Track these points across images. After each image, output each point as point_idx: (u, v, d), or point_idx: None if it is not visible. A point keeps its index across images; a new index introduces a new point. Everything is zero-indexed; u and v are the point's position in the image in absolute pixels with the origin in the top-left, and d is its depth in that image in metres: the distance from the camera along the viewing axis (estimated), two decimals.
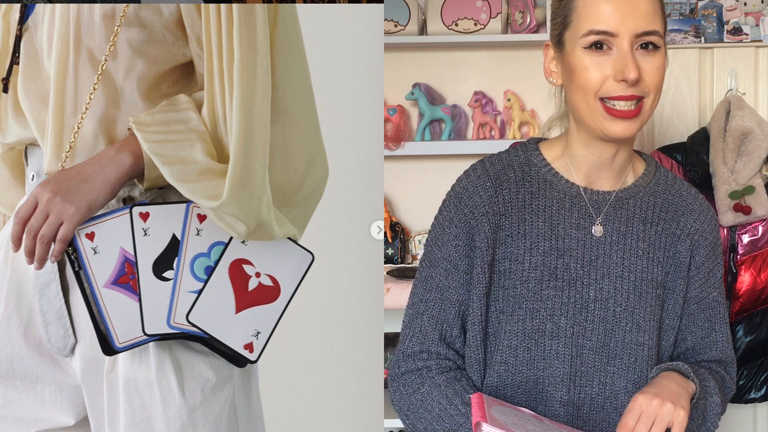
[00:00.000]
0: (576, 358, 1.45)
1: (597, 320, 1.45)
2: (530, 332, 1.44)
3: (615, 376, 1.46)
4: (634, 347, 1.46)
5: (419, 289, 1.51)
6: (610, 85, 1.37)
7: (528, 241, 1.46)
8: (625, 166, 1.50)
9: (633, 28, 1.36)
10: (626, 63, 1.36)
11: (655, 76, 1.39)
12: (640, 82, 1.37)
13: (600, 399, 1.46)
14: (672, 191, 1.53)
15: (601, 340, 1.45)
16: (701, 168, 2.59)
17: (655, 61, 1.38)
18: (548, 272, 1.45)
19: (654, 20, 1.38)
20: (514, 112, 2.94)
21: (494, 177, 1.48)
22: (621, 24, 1.36)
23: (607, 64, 1.37)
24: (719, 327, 1.55)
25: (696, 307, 1.53)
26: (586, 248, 1.46)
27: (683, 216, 1.51)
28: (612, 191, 1.49)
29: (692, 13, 2.92)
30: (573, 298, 1.45)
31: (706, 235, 1.52)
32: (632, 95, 1.37)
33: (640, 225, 1.49)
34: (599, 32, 1.37)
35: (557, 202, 1.47)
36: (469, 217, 1.46)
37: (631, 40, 1.36)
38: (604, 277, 1.46)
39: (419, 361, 1.48)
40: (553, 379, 1.45)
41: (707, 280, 1.53)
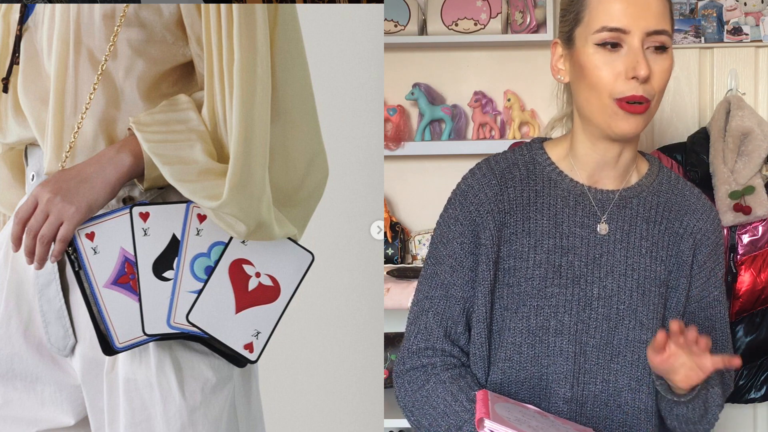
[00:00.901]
0: (579, 356, 1.46)
1: (600, 318, 1.46)
2: (534, 329, 1.45)
3: (618, 373, 1.46)
4: (637, 345, 1.47)
5: (424, 286, 1.53)
6: (621, 83, 1.38)
7: (532, 239, 1.47)
8: (630, 165, 1.51)
9: (644, 26, 1.37)
10: (638, 60, 1.37)
11: (662, 77, 1.40)
12: (649, 82, 1.38)
13: (603, 396, 1.46)
14: (675, 191, 1.54)
15: (604, 337, 1.46)
16: (701, 168, 2.59)
17: (663, 63, 1.40)
18: (552, 270, 1.46)
19: (664, 20, 1.39)
20: (514, 112, 2.94)
21: (499, 175, 1.49)
22: (633, 21, 1.37)
23: (619, 62, 1.38)
24: (719, 326, 1.56)
25: (697, 305, 1.53)
26: (590, 246, 1.47)
27: (686, 215, 1.52)
28: (616, 190, 1.50)
29: (692, 13, 2.92)
30: (577, 296, 1.46)
31: (708, 234, 1.52)
32: (642, 96, 1.38)
33: (644, 224, 1.49)
34: (612, 29, 1.38)
35: (562, 201, 1.48)
36: (474, 214, 1.48)
37: (642, 38, 1.38)
38: (608, 275, 1.47)
39: (424, 358, 1.49)
40: (556, 376, 1.46)
41: (708, 279, 1.53)
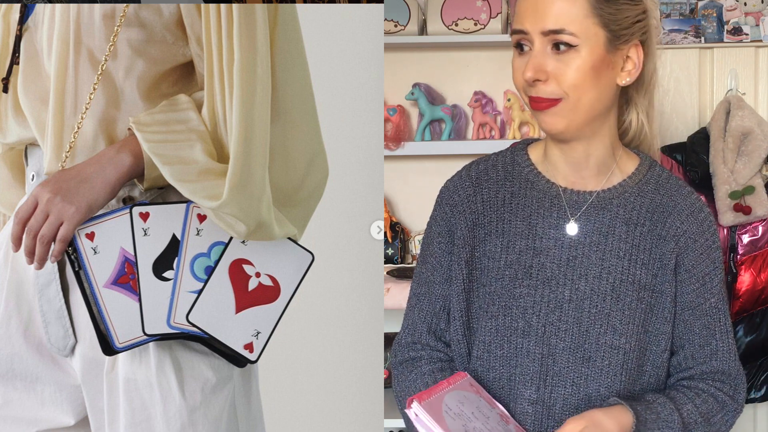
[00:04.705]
0: (547, 357, 1.44)
1: (571, 320, 1.44)
2: (502, 329, 1.46)
3: (589, 378, 1.44)
4: (609, 350, 1.44)
5: (414, 284, 1.58)
6: (526, 85, 1.40)
7: (505, 240, 1.48)
8: (607, 165, 1.48)
9: (541, 27, 1.37)
10: (527, 61, 1.38)
11: (568, 77, 1.37)
12: (549, 83, 1.38)
13: (573, 400, 1.45)
14: (662, 191, 1.50)
15: (575, 341, 1.44)
16: (701, 168, 2.59)
17: (568, 61, 1.37)
18: (522, 270, 1.46)
19: (564, 18, 1.37)
20: (514, 112, 2.94)
21: (475, 177, 1.52)
22: (530, 23, 1.38)
23: (524, 64, 1.40)
24: (720, 336, 1.50)
25: (690, 314, 1.48)
26: (563, 248, 1.46)
27: (670, 216, 1.48)
28: (594, 191, 1.48)
29: (692, 13, 2.92)
30: (546, 298, 1.45)
31: (695, 237, 1.48)
32: (539, 97, 1.38)
33: (623, 226, 1.47)
34: (516, 31, 1.40)
35: (537, 202, 1.48)
36: (449, 215, 1.52)
37: (541, 39, 1.37)
38: (581, 278, 1.45)
39: (411, 352, 1.55)
40: (522, 377, 1.45)
41: (703, 285, 1.48)
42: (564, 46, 1.37)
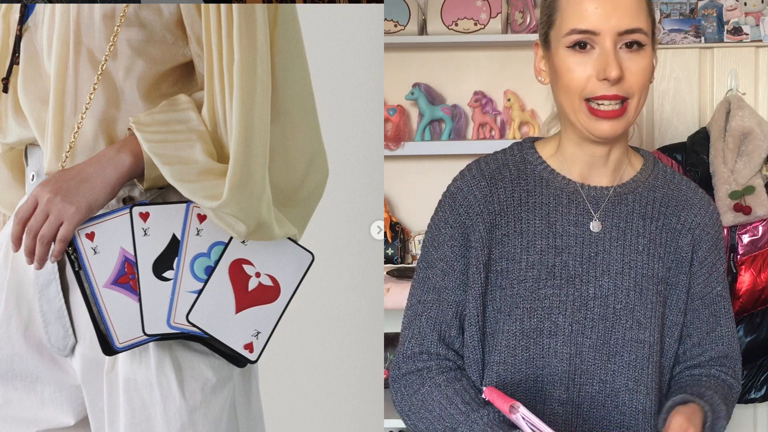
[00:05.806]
0: (575, 357, 1.44)
1: (597, 318, 1.44)
2: (528, 331, 1.44)
3: (615, 373, 1.45)
4: (634, 344, 1.45)
5: (417, 291, 1.51)
6: (593, 84, 1.37)
7: (525, 240, 1.45)
8: (621, 162, 1.49)
9: (615, 26, 1.35)
10: (608, 62, 1.35)
11: (639, 76, 1.38)
12: (624, 82, 1.37)
13: (600, 397, 1.45)
14: (671, 186, 1.52)
15: (601, 337, 1.44)
16: (701, 168, 2.59)
17: (639, 61, 1.37)
18: (545, 270, 1.44)
19: (638, 18, 1.37)
20: (514, 112, 2.94)
21: (489, 176, 1.48)
22: (603, 22, 1.35)
23: (590, 64, 1.37)
24: (724, 322, 1.54)
25: (700, 302, 1.51)
26: (585, 245, 1.45)
27: (684, 210, 1.50)
28: (610, 187, 1.48)
29: (692, 13, 2.92)
30: (572, 296, 1.44)
31: (708, 229, 1.51)
32: (615, 95, 1.36)
33: (640, 220, 1.48)
34: (581, 31, 1.36)
35: (554, 199, 1.47)
36: (464, 217, 1.46)
37: (614, 38, 1.36)
38: (604, 274, 1.45)
39: (419, 362, 1.48)
40: (551, 377, 1.44)
41: (711, 275, 1.52)
42: (635, 45, 1.37)
